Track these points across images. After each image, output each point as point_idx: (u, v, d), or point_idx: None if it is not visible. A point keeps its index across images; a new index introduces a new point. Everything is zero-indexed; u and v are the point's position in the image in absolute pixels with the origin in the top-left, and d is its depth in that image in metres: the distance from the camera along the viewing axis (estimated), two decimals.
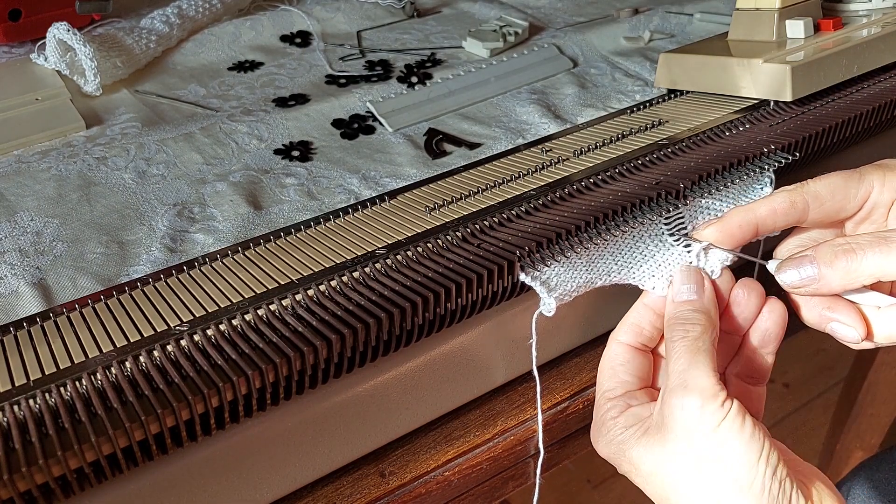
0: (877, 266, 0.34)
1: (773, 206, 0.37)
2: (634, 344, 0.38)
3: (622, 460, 0.35)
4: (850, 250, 0.35)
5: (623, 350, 0.38)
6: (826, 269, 0.35)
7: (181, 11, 0.69)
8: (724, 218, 0.38)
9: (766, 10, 0.54)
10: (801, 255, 0.36)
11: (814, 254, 0.36)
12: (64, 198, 0.48)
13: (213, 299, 0.35)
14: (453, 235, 0.39)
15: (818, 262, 0.35)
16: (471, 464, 0.40)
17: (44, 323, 0.35)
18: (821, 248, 0.36)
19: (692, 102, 0.54)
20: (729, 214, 0.38)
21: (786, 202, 0.37)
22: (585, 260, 0.37)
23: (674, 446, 0.33)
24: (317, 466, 0.37)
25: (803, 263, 0.36)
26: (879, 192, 0.37)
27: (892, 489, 0.65)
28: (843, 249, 0.35)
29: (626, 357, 0.38)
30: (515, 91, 0.61)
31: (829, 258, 0.35)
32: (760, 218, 0.37)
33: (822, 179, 0.37)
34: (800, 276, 0.36)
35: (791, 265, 0.36)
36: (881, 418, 1.03)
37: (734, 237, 0.38)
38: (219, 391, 0.30)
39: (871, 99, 0.49)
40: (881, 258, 0.34)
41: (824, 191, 0.37)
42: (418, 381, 0.39)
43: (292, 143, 0.54)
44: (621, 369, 0.38)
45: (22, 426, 0.28)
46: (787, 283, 0.37)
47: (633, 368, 0.38)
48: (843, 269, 0.35)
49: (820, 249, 0.36)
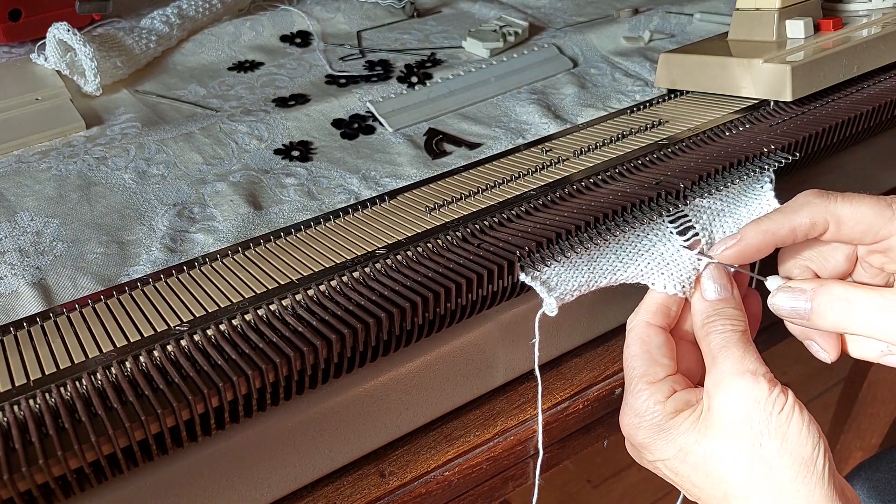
0: (869, 328, 0.34)
1: (794, 225, 0.36)
2: (663, 325, 0.38)
3: (668, 447, 0.35)
4: (847, 308, 0.34)
5: (655, 332, 0.37)
6: (816, 317, 0.35)
7: (181, 11, 0.69)
8: (743, 239, 0.37)
9: (766, 10, 0.54)
10: (800, 288, 0.36)
11: (811, 293, 0.35)
12: (64, 198, 0.48)
13: (213, 299, 0.35)
14: (453, 235, 0.39)
15: (813, 305, 0.35)
16: (471, 464, 0.40)
17: (44, 323, 0.35)
18: (820, 293, 0.35)
19: (692, 102, 0.54)
20: (747, 235, 0.37)
21: (807, 223, 0.36)
22: (586, 259, 0.37)
23: (737, 429, 0.33)
24: (317, 466, 0.37)
25: (798, 298, 0.36)
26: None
27: (892, 489, 0.65)
28: (840, 305, 0.35)
29: (660, 339, 0.37)
30: (515, 91, 0.61)
31: (825, 307, 0.35)
32: (780, 239, 0.37)
33: (850, 203, 0.36)
34: (791, 308, 0.36)
35: (787, 295, 0.36)
36: (881, 418, 1.03)
37: (751, 258, 0.38)
38: (219, 391, 0.30)
39: (871, 99, 0.49)
40: (876, 322, 0.34)
41: (849, 217, 0.36)
42: (418, 381, 0.39)
43: (292, 143, 0.54)
44: (658, 352, 0.37)
45: (22, 426, 0.28)
46: (777, 309, 0.37)
47: (668, 351, 0.37)
48: (834, 321, 0.35)
49: (819, 295, 0.35)
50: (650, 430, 0.35)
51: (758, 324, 0.41)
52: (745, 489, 0.33)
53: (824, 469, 0.32)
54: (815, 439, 0.33)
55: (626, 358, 0.38)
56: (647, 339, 0.37)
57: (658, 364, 0.36)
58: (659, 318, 0.38)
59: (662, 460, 0.35)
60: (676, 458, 0.35)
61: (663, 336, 0.37)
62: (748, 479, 0.33)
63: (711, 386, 0.35)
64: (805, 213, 0.36)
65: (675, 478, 0.36)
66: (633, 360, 0.37)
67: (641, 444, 0.36)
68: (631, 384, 0.37)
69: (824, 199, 0.36)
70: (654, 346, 0.37)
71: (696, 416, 0.35)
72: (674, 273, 0.38)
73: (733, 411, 0.33)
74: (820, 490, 0.32)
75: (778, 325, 0.48)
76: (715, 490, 0.34)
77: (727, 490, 0.33)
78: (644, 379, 0.36)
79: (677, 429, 0.35)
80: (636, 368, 0.37)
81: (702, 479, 0.34)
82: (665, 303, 0.38)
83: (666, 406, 0.35)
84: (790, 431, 0.32)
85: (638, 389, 0.36)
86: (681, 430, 0.34)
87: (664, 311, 0.38)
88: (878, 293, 0.34)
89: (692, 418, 0.34)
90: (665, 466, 0.36)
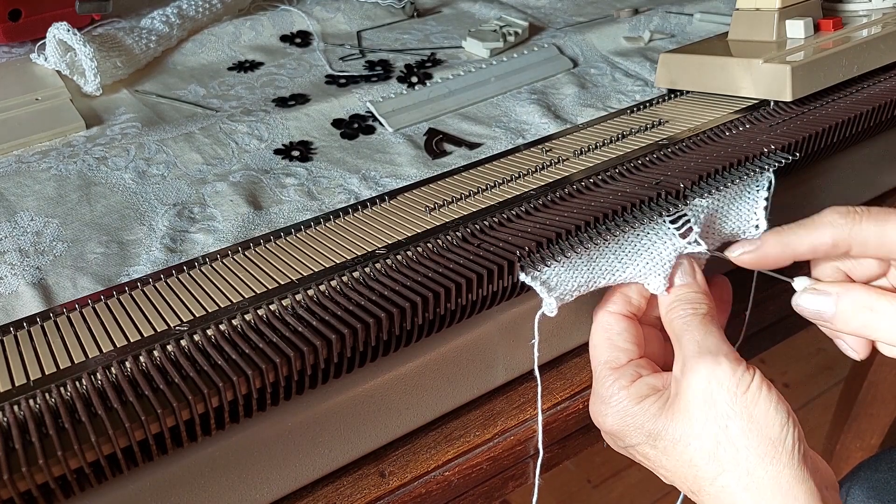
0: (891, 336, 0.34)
1: (814, 243, 0.36)
2: (625, 312, 0.38)
3: (636, 433, 0.35)
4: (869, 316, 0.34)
5: (616, 319, 0.38)
6: (839, 321, 0.35)
7: (181, 11, 0.69)
8: (762, 248, 0.37)
9: (766, 10, 0.54)
10: (825, 291, 0.36)
11: (836, 297, 0.35)
12: (64, 198, 0.48)
13: (213, 299, 0.35)
14: (453, 235, 0.39)
15: (837, 309, 0.35)
16: (471, 464, 0.40)
17: (44, 323, 0.35)
18: (844, 298, 0.35)
19: (692, 102, 0.54)
20: (767, 244, 0.37)
21: (828, 243, 0.36)
22: (586, 259, 0.37)
23: (702, 411, 0.33)
24: (317, 466, 0.37)
25: (824, 301, 0.36)
26: None
27: (892, 489, 0.65)
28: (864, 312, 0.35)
29: (621, 326, 0.38)
30: (515, 91, 0.61)
31: (848, 312, 0.35)
32: (799, 254, 0.37)
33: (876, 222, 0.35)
34: (815, 310, 0.36)
35: (811, 297, 0.36)
36: (881, 418, 1.03)
37: (767, 266, 0.38)
38: (219, 391, 0.30)
39: (871, 99, 0.49)
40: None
41: (873, 239, 0.35)
42: (418, 381, 0.39)
43: (292, 143, 0.54)
44: (619, 338, 0.37)
45: (22, 426, 0.28)
46: (801, 310, 0.37)
47: (630, 336, 0.37)
48: (855, 327, 0.35)
49: (843, 298, 0.35)
50: (617, 416, 0.35)
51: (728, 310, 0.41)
52: (713, 471, 0.33)
53: (794, 449, 0.32)
54: (784, 418, 0.32)
55: (590, 348, 0.38)
56: (608, 327, 0.38)
57: (619, 349, 0.37)
58: (619, 307, 0.38)
59: (633, 446, 0.35)
60: (646, 444, 0.35)
61: (624, 322, 0.38)
62: (716, 462, 0.33)
63: (678, 371, 0.35)
64: (827, 233, 0.36)
65: (647, 462, 0.36)
66: (596, 348, 0.38)
67: (611, 430, 0.36)
68: (596, 371, 0.37)
69: (849, 220, 0.35)
70: (615, 332, 0.38)
71: (662, 400, 0.35)
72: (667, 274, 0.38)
73: (696, 394, 0.33)
74: (790, 471, 0.31)
75: (778, 325, 0.48)
76: (685, 473, 0.34)
77: (697, 473, 0.33)
78: (607, 365, 0.37)
79: (644, 413, 0.35)
80: (599, 356, 0.37)
81: (672, 463, 0.34)
82: (624, 291, 0.39)
83: (630, 391, 0.35)
84: (756, 411, 0.32)
85: (602, 376, 0.37)
86: (647, 414, 0.34)
87: (624, 299, 0.38)
88: None
89: (659, 403, 0.35)
90: (637, 452, 0.36)
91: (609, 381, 0.36)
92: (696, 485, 0.34)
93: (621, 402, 0.35)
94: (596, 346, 0.38)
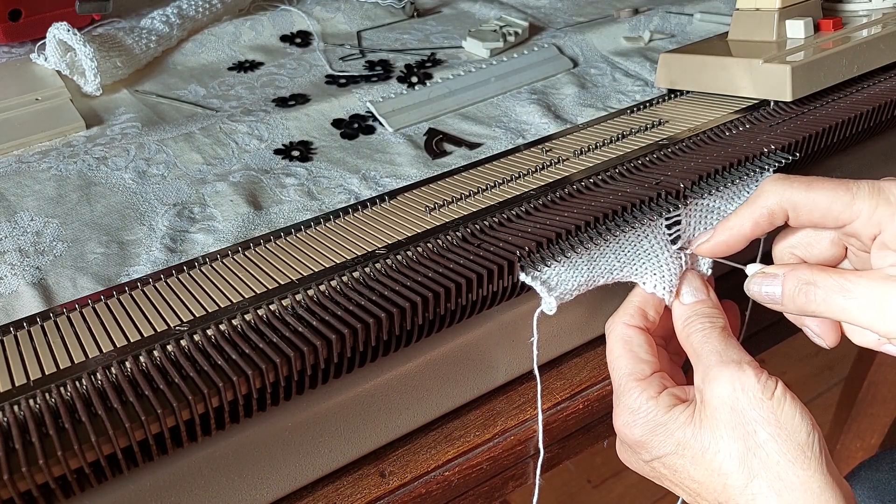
0: (831, 312, 0.34)
1: (755, 218, 0.37)
2: (641, 326, 0.38)
3: (665, 442, 0.35)
4: (812, 291, 0.34)
5: (635, 332, 0.38)
6: (787, 300, 0.36)
7: (181, 11, 0.69)
8: (714, 236, 0.38)
9: (766, 10, 0.54)
10: (772, 273, 0.36)
11: (782, 278, 0.36)
12: (64, 198, 0.48)
13: (213, 299, 0.35)
14: (453, 235, 0.39)
15: (783, 289, 0.36)
16: (471, 464, 0.40)
17: (44, 323, 0.35)
18: (789, 276, 0.35)
19: (692, 102, 0.54)
20: (717, 231, 0.38)
21: (765, 213, 0.36)
22: (586, 259, 0.37)
23: (730, 418, 0.33)
24: (317, 466, 0.37)
25: (770, 283, 0.36)
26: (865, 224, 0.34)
27: (892, 489, 0.65)
28: (804, 287, 0.35)
29: (641, 338, 0.38)
30: (515, 91, 0.61)
31: (792, 290, 0.35)
32: (746, 233, 0.37)
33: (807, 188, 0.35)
34: (764, 293, 0.36)
35: (759, 280, 0.37)
36: (881, 418, 1.03)
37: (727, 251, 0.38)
38: (219, 391, 0.30)
39: (871, 99, 0.49)
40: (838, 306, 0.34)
41: (804, 203, 0.35)
42: (418, 381, 0.39)
43: (292, 143, 0.54)
44: (640, 350, 0.37)
45: (22, 426, 0.28)
46: (752, 294, 0.37)
47: (650, 349, 0.37)
48: (800, 305, 0.35)
49: (788, 277, 0.35)
50: (646, 426, 0.35)
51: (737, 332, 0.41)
52: (743, 478, 0.33)
53: (822, 455, 0.32)
54: (809, 426, 0.32)
55: (610, 360, 0.38)
56: (629, 339, 0.38)
57: (643, 361, 0.37)
58: (637, 320, 0.38)
59: (660, 458, 0.35)
60: (675, 454, 0.35)
61: (643, 335, 0.38)
62: (746, 468, 0.32)
63: (700, 381, 0.35)
64: (762, 202, 0.36)
65: (672, 476, 0.36)
66: (617, 360, 0.38)
67: (638, 441, 0.36)
68: (620, 384, 0.37)
69: (781, 185, 0.36)
70: (636, 344, 0.38)
71: (690, 410, 0.35)
72: (665, 275, 0.39)
73: (722, 401, 0.33)
74: (820, 477, 0.31)
75: (778, 325, 0.48)
76: (714, 483, 0.34)
77: (726, 482, 0.33)
78: (632, 377, 0.36)
79: (674, 423, 0.35)
80: (622, 368, 0.37)
81: (700, 472, 0.34)
82: (641, 305, 0.39)
83: (660, 401, 0.35)
84: (783, 417, 0.32)
85: (629, 388, 0.36)
86: (677, 423, 0.34)
87: (641, 313, 0.39)
88: (842, 276, 0.34)
89: (687, 412, 0.35)
90: (662, 464, 0.36)
91: (636, 392, 0.36)
92: (725, 494, 0.33)
93: (650, 412, 0.35)
94: (617, 358, 0.38)
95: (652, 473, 0.37)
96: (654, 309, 0.39)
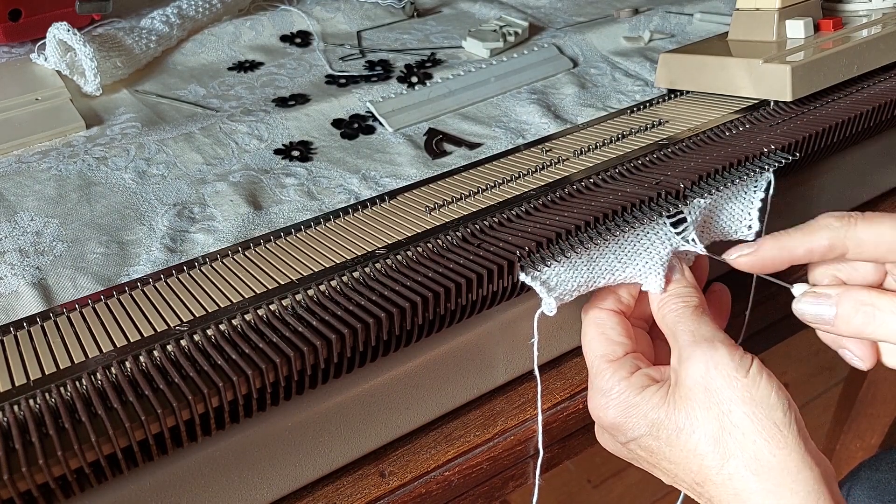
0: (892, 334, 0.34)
1: (811, 246, 0.36)
2: (615, 309, 0.38)
3: (639, 423, 0.35)
4: (871, 313, 0.34)
5: (608, 315, 0.38)
6: (841, 322, 0.35)
7: (181, 11, 0.69)
8: (759, 250, 0.37)
9: (766, 10, 0.54)
10: (825, 293, 0.36)
11: (836, 299, 0.35)
12: (64, 198, 0.48)
13: (213, 299, 0.35)
14: (453, 235, 0.39)
15: (837, 310, 0.35)
16: (471, 464, 0.40)
17: (44, 323, 0.35)
18: (844, 298, 0.35)
19: (692, 102, 0.54)
20: (764, 247, 0.37)
21: (824, 244, 0.36)
22: (586, 259, 0.37)
23: (704, 398, 0.33)
24: (317, 466, 0.37)
25: (823, 303, 0.36)
26: None
27: (892, 489, 0.65)
28: (864, 309, 0.34)
29: (613, 321, 0.38)
30: (515, 91, 0.61)
31: (849, 311, 0.35)
32: (796, 257, 0.37)
33: (871, 224, 0.35)
34: (815, 314, 0.36)
35: (811, 300, 0.36)
36: (881, 418, 1.03)
37: (764, 269, 0.38)
38: (219, 391, 0.30)
39: (871, 99, 0.49)
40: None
41: (869, 240, 0.35)
42: (418, 381, 0.39)
43: (292, 143, 0.54)
44: (613, 332, 0.37)
45: (22, 426, 0.28)
46: (801, 314, 0.37)
47: (623, 331, 0.38)
48: (857, 326, 0.35)
49: (843, 299, 0.35)
50: (618, 407, 0.35)
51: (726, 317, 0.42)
52: (719, 459, 0.32)
53: (798, 434, 0.32)
54: (786, 404, 0.32)
55: (583, 344, 0.38)
56: (601, 322, 0.38)
57: (615, 343, 0.37)
58: (610, 303, 0.38)
59: (635, 439, 0.35)
60: (649, 435, 0.34)
61: (616, 318, 0.38)
62: (722, 448, 0.32)
63: (675, 362, 0.35)
64: (823, 236, 0.36)
65: (649, 457, 0.35)
66: (590, 343, 0.38)
67: (612, 424, 0.36)
68: (593, 366, 0.37)
69: (844, 223, 0.36)
70: (608, 326, 0.38)
71: (664, 390, 0.34)
72: (665, 276, 0.39)
73: (696, 381, 0.33)
74: (797, 456, 0.31)
75: (778, 325, 0.48)
76: (690, 463, 0.33)
77: (702, 462, 0.33)
78: (604, 358, 0.37)
79: (647, 403, 0.34)
80: (595, 350, 0.37)
81: (676, 453, 0.34)
82: (613, 289, 0.39)
83: (631, 381, 0.35)
84: (759, 395, 0.32)
85: (600, 369, 0.36)
86: (650, 404, 0.34)
87: (614, 296, 0.39)
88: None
89: (661, 393, 0.34)
90: (639, 446, 0.35)
91: (608, 373, 0.36)
92: (702, 475, 0.33)
93: (622, 392, 0.35)
94: (590, 341, 0.38)
95: (630, 456, 0.37)
96: (627, 291, 0.39)
